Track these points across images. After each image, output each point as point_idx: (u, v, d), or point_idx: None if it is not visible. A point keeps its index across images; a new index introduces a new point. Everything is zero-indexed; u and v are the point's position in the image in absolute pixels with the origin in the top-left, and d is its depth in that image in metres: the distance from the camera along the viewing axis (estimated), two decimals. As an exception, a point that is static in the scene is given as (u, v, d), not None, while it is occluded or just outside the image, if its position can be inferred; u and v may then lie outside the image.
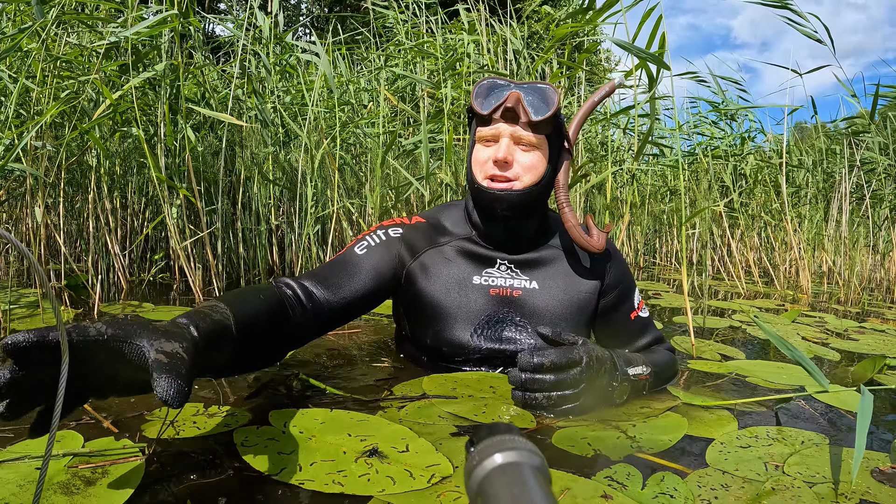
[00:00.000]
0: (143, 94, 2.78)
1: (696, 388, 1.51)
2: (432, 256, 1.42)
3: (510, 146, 1.30)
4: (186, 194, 2.44)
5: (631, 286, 1.51)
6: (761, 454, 1.10)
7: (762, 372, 1.71)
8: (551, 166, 1.36)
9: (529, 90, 1.31)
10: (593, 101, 1.42)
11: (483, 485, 0.43)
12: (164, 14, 2.28)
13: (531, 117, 1.28)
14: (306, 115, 2.89)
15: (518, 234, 1.40)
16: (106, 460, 0.89)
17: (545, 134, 1.32)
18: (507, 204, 1.31)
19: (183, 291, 2.64)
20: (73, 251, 3.16)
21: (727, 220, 4.01)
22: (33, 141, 2.34)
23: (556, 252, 1.45)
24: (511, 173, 1.30)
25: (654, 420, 1.22)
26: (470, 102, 1.34)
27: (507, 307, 1.40)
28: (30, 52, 2.43)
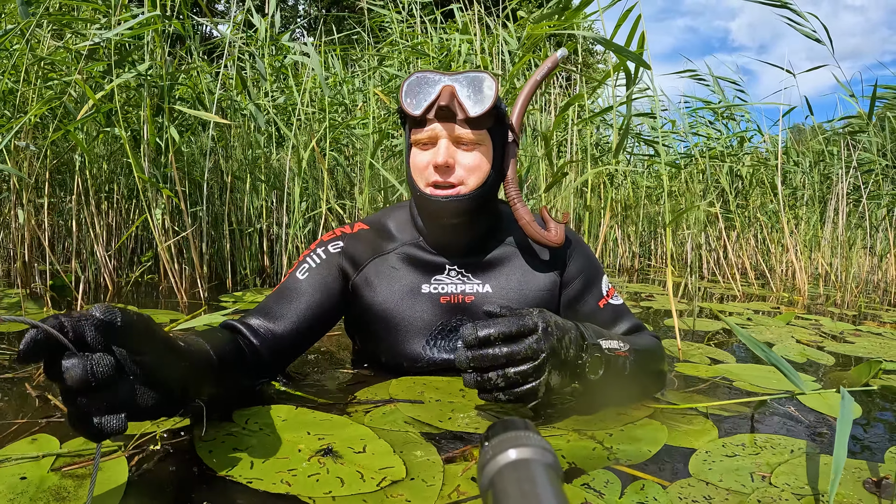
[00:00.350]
0: (129, 95, 2.76)
1: (674, 393, 1.47)
2: (377, 266, 1.32)
3: (449, 148, 1.19)
4: (170, 194, 2.40)
5: (596, 273, 1.39)
6: (748, 464, 1.06)
7: (750, 376, 1.67)
8: (497, 162, 1.25)
9: (464, 82, 1.18)
10: (535, 80, 1.30)
11: (495, 480, 0.44)
12: (146, 15, 2.25)
13: (468, 113, 1.16)
14: (298, 116, 2.86)
15: (467, 238, 1.31)
16: (87, 460, 0.88)
17: (486, 128, 1.21)
18: (455, 211, 1.21)
19: (168, 293, 2.60)
20: (62, 251, 3.13)
21: (723, 222, 3.98)
22: (17, 141, 2.31)
23: (509, 250, 1.36)
24: (454, 178, 1.19)
25: (632, 429, 1.16)
26: (399, 102, 1.21)
27: (460, 315, 1.32)
28: (14, 52, 2.40)
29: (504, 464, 0.44)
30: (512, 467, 0.44)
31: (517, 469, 0.44)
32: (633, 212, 4.52)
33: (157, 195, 2.52)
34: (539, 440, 0.47)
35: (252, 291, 2.68)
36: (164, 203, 2.52)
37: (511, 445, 0.46)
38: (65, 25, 2.50)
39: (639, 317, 2.52)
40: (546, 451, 0.45)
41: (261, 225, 3.06)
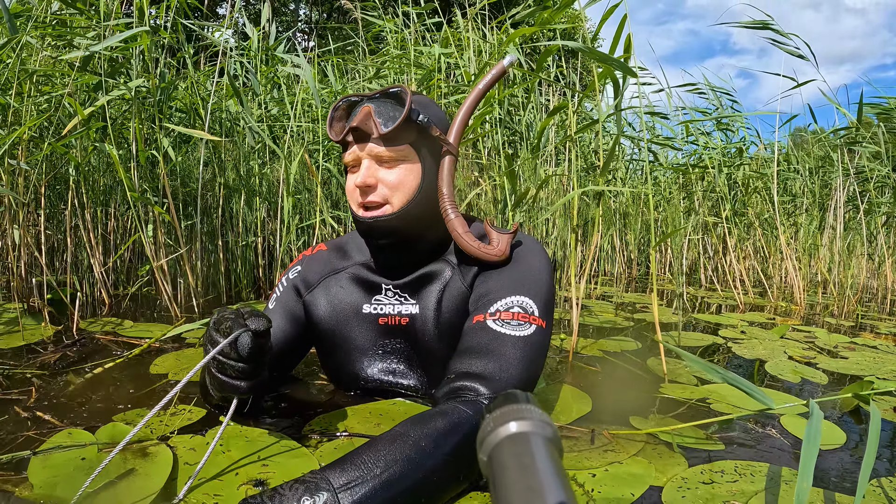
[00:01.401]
0: (122, 109, 2.76)
1: (645, 420, 1.46)
2: (328, 285, 1.34)
3: (371, 167, 1.17)
4: (161, 212, 2.41)
5: (506, 286, 1.15)
6: (723, 492, 1.05)
7: (735, 397, 1.66)
8: (427, 174, 1.21)
9: (381, 100, 1.18)
10: (479, 90, 1.24)
11: (494, 452, 0.44)
12: (134, 31, 2.25)
13: (380, 130, 1.14)
14: (290, 129, 2.87)
15: (410, 257, 1.27)
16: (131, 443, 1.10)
17: (408, 142, 1.18)
18: (384, 231, 1.19)
19: (166, 307, 2.61)
20: (59, 265, 3.14)
21: (724, 228, 3.96)
22: (9, 159, 2.32)
23: (441, 266, 1.27)
24: (378, 197, 1.17)
25: (617, 468, 1.12)
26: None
27: (397, 337, 1.30)
28: (5, 66, 2.41)
29: (504, 436, 0.45)
30: (511, 440, 0.44)
31: (517, 442, 0.44)
32: (632, 219, 4.51)
33: (149, 211, 2.53)
34: (540, 414, 0.47)
35: (246, 304, 2.68)
36: (156, 219, 2.53)
37: (512, 418, 0.46)
38: (56, 37, 2.50)
39: (631, 331, 2.53)
40: (546, 424, 0.45)
41: (255, 239, 3.06)
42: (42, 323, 2.26)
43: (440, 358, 1.25)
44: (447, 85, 3.19)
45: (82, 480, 0.89)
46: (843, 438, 1.38)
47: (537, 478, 0.39)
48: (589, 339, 2.32)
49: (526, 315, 1.10)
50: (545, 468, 0.40)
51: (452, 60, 3.34)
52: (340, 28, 7.95)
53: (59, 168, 2.63)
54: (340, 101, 1.23)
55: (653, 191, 4.68)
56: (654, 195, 4.73)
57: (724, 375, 1.23)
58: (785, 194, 4.62)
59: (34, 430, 1.18)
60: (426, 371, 1.30)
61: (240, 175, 3.02)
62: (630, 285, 4.23)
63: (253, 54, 3.10)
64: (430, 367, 1.28)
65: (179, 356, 1.83)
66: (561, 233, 3.33)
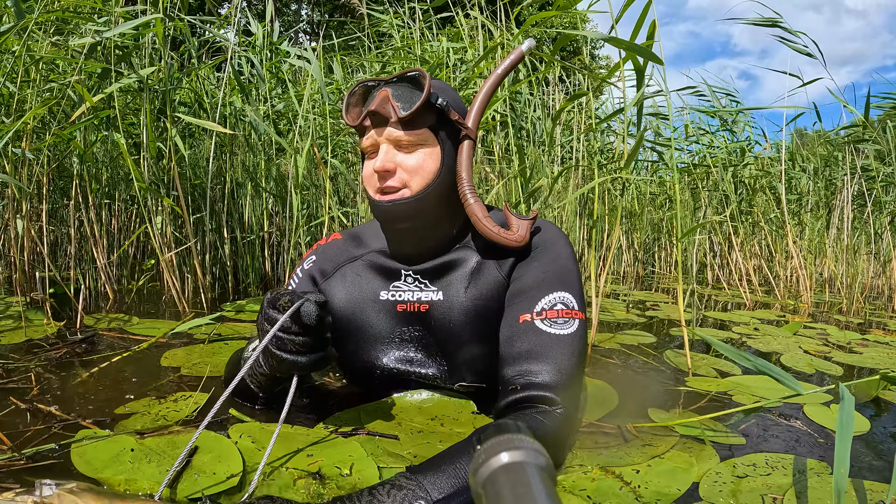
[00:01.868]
0: (129, 99, 2.73)
1: (680, 411, 1.44)
2: (344, 273, 1.33)
3: (389, 152, 1.15)
4: (171, 203, 2.38)
5: (546, 281, 1.16)
6: (759, 485, 1.03)
7: (759, 388, 1.65)
8: (447, 159, 1.19)
9: (398, 84, 1.16)
10: (498, 75, 1.23)
11: (487, 483, 0.44)
12: (147, 17, 2.22)
13: (399, 114, 1.12)
14: (298, 124, 2.84)
15: (427, 243, 1.24)
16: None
17: (427, 126, 1.16)
18: (401, 215, 1.17)
19: (171, 302, 2.57)
20: (62, 258, 3.11)
21: (729, 227, 3.95)
22: (13, 148, 2.29)
23: (466, 253, 1.25)
24: (397, 181, 1.15)
25: (659, 463, 1.09)
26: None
27: (416, 324, 1.27)
28: (11, 53, 2.38)
29: (497, 467, 0.44)
30: (505, 470, 0.44)
31: (510, 472, 0.43)
32: (638, 218, 4.49)
33: (157, 203, 2.50)
34: (531, 443, 0.46)
35: (254, 300, 2.66)
36: (165, 211, 2.49)
37: (504, 448, 0.45)
38: (62, 23, 2.46)
39: (643, 327, 2.51)
40: (538, 453, 0.45)
41: (262, 233, 3.03)
42: (45, 318, 2.23)
43: (462, 344, 1.22)
44: (453, 80, 3.16)
45: (132, 467, 0.94)
46: (868, 426, 1.38)
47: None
48: (606, 334, 2.31)
49: (569, 311, 1.12)
50: (540, 497, 0.40)
51: (459, 56, 3.32)
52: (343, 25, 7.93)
53: (63, 159, 2.59)
54: (357, 86, 1.21)
55: (658, 190, 4.68)
56: (659, 195, 4.73)
57: (754, 362, 1.22)
58: (790, 193, 4.61)
59: (42, 424, 1.16)
60: (446, 358, 1.26)
61: (246, 169, 2.99)
62: (638, 283, 4.22)
63: (258, 49, 3.07)
64: (451, 355, 1.25)
65: (189, 351, 1.79)
66: (571, 227, 3.31)
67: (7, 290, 2.82)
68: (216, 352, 1.77)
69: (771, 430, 1.34)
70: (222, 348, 1.81)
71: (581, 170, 3.71)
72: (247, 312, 2.40)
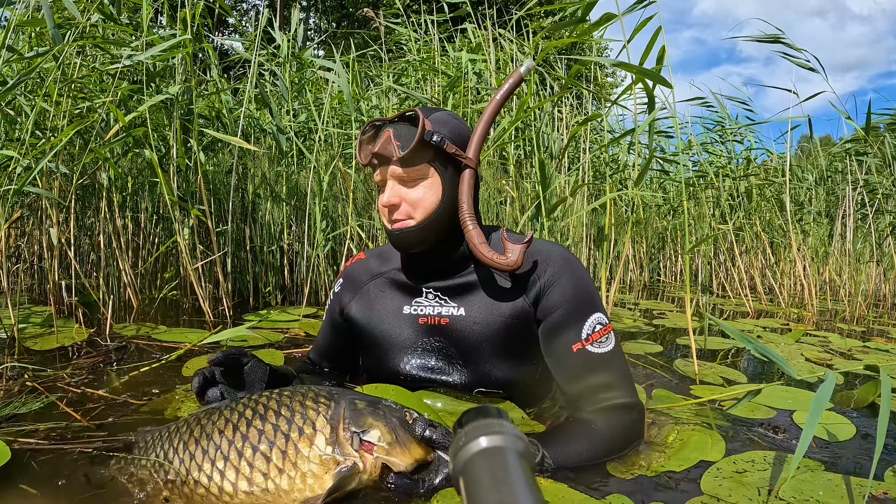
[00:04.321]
0: (155, 113, 2.84)
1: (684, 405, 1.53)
2: (369, 290, 1.48)
3: (395, 187, 1.29)
4: (198, 214, 2.49)
5: (581, 307, 1.28)
6: (756, 480, 1.12)
7: (762, 396, 1.73)
8: (448, 188, 1.30)
9: (399, 124, 1.28)
10: (497, 101, 1.32)
11: (466, 467, 0.44)
12: (178, 39, 2.34)
13: (398, 153, 1.24)
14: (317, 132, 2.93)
15: (438, 264, 1.38)
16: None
17: (426, 161, 1.27)
18: (408, 242, 1.30)
19: (194, 311, 2.67)
20: (85, 268, 3.21)
21: (731, 236, 4.03)
22: (48, 163, 2.40)
23: (483, 274, 1.37)
24: (402, 213, 1.29)
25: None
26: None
27: (437, 336, 1.39)
28: (46, 73, 2.49)
29: (476, 451, 0.45)
30: (484, 454, 0.44)
31: (489, 456, 0.44)
32: (643, 227, 4.57)
33: (184, 215, 2.60)
34: (511, 428, 0.47)
35: (276, 310, 2.76)
36: (192, 222, 2.60)
37: (484, 433, 0.46)
38: (97, 47, 2.58)
39: (650, 336, 2.60)
40: (518, 438, 0.46)
41: (282, 244, 3.13)
42: (75, 325, 2.34)
43: (482, 355, 1.36)
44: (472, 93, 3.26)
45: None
46: (854, 431, 1.47)
47: (511, 491, 0.40)
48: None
49: (605, 328, 1.29)
50: (518, 482, 0.41)
51: (478, 68, 3.41)
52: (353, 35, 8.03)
53: (90, 173, 2.70)
54: (367, 126, 1.34)
55: (662, 200, 4.76)
56: (664, 204, 4.81)
57: (756, 346, 1.33)
58: (792, 203, 4.68)
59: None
60: (466, 367, 1.38)
61: (266, 181, 3.10)
62: (644, 292, 4.29)
63: (282, 60, 3.17)
64: (471, 364, 1.38)
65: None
66: (580, 238, 3.40)
67: (31, 300, 2.93)
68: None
69: (765, 433, 1.43)
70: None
71: (588, 179, 3.80)
72: (268, 321, 2.50)
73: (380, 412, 1.03)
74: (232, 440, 1.00)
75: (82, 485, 1.02)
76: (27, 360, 1.83)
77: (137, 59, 2.28)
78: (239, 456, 0.99)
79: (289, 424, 1.01)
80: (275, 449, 0.99)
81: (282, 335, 2.29)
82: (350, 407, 1.03)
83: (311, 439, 1.00)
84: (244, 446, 1.00)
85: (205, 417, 1.05)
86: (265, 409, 1.04)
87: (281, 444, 0.99)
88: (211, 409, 1.08)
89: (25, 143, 2.26)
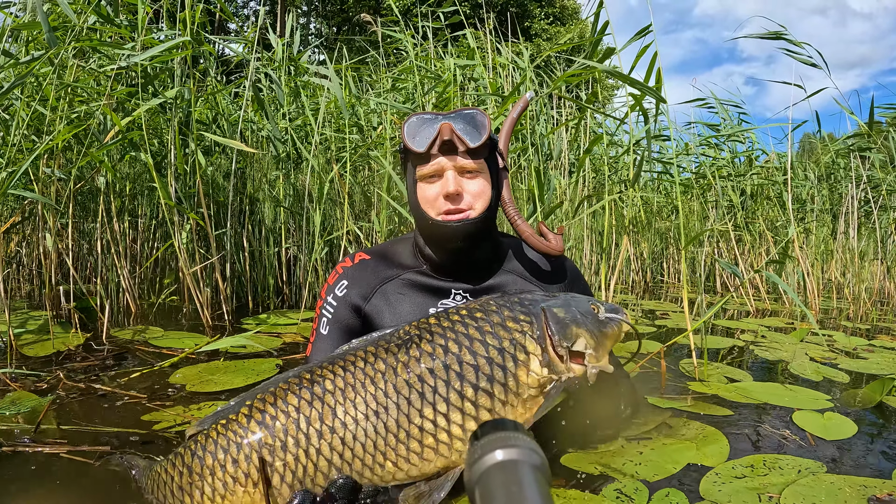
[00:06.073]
0: (152, 116, 2.83)
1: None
2: (385, 293, 1.40)
3: (456, 178, 1.30)
4: (196, 218, 2.47)
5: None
6: (756, 485, 1.10)
7: (765, 395, 1.71)
8: (496, 186, 1.36)
9: (458, 119, 1.31)
10: (513, 118, 1.44)
11: (482, 479, 0.44)
12: (177, 40, 2.32)
13: (469, 144, 1.28)
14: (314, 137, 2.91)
15: (473, 262, 1.39)
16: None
17: (483, 158, 1.33)
18: (465, 234, 1.30)
19: (192, 315, 2.66)
20: (84, 273, 3.20)
21: (732, 235, 3.99)
22: (44, 167, 2.39)
23: (511, 277, 1.42)
24: (464, 204, 1.30)
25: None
26: (402, 142, 1.33)
27: None
28: (41, 77, 2.48)
29: (491, 464, 0.44)
30: (499, 468, 0.44)
31: (504, 470, 0.44)
32: (644, 228, 4.54)
33: (182, 219, 2.58)
34: (527, 441, 0.46)
35: (275, 314, 2.74)
36: (190, 226, 2.58)
37: (499, 446, 0.45)
38: (93, 49, 2.56)
39: (653, 336, 2.58)
40: (534, 452, 0.45)
41: (278, 248, 3.12)
42: (71, 330, 2.33)
43: None
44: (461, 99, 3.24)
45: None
46: (855, 429, 1.44)
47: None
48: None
49: None
50: (532, 496, 0.40)
51: (469, 73, 3.39)
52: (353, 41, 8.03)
53: (88, 178, 2.69)
54: (413, 117, 1.33)
55: (664, 200, 4.74)
56: (665, 205, 4.78)
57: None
58: (795, 202, 4.64)
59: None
60: None
61: (267, 182, 3.08)
62: (645, 293, 4.27)
63: (277, 65, 3.15)
64: None
65: (202, 368, 1.89)
66: (579, 238, 3.37)
67: (30, 305, 2.92)
68: (225, 369, 1.87)
69: (761, 434, 1.40)
70: (236, 365, 1.91)
71: (588, 184, 3.78)
72: (267, 325, 2.48)
73: (578, 317, 1.05)
74: (448, 380, 0.96)
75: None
76: (22, 364, 1.83)
77: (135, 60, 2.27)
78: (461, 397, 0.95)
79: (501, 354, 0.99)
80: (496, 384, 0.97)
81: (280, 340, 2.27)
82: (553, 319, 1.03)
83: (526, 365, 0.99)
84: (463, 386, 0.96)
85: (387, 355, 1.00)
86: (468, 339, 1.00)
87: (500, 376, 0.97)
88: (377, 344, 1.03)
89: (17, 145, 2.25)
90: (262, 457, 0.90)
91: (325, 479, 0.95)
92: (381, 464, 0.94)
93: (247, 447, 0.95)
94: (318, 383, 0.98)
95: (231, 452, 0.94)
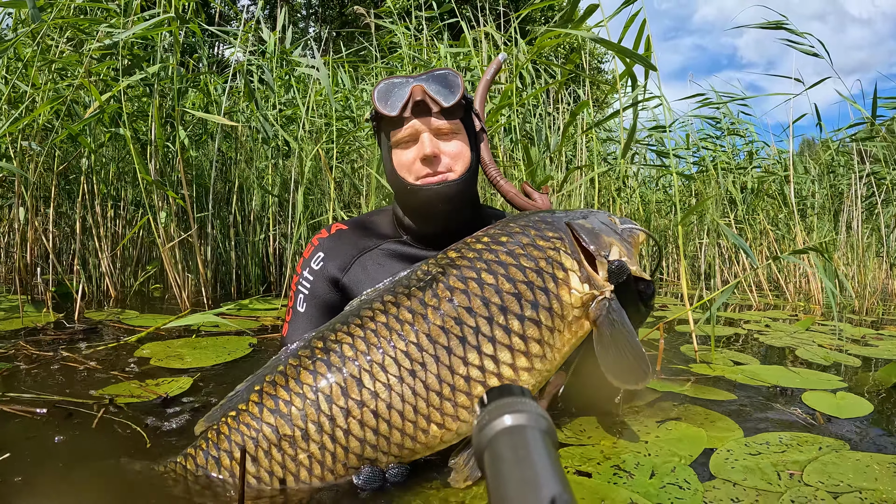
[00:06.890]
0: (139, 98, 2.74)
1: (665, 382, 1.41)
2: (363, 263, 1.32)
3: (433, 140, 1.21)
4: (174, 196, 2.37)
5: None
6: (773, 461, 0.99)
7: (771, 376, 1.61)
8: (473, 148, 1.29)
9: (430, 80, 1.23)
10: (486, 80, 1.40)
11: (491, 444, 0.44)
12: (161, 17, 2.22)
13: (442, 104, 1.20)
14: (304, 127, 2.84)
15: (453, 226, 1.28)
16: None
17: (459, 118, 1.25)
18: (446, 197, 1.22)
19: (173, 303, 2.55)
20: (66, 258, 3.10)
21: (734, 230, 3.91)
22: (22, 141, 2.30)
23: None
24: (442, 166, 1.22)
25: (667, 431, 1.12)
26: (373, 107, 1.24)
27: None
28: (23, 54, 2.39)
29: (500, 429, 0.45)
30: (508, 432, 0.44)
31: (513, 435, 0.44)
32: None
33: (163, 199, 2.48)
34: (534, 406, 0.47)
35: (257, 300, 2.64)
36: (170, 207, 2.48)
37: (507, 411, 0.46)
38: (78, 30, 2.47)
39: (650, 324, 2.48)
40: (541, 417, 0.46)
41: (264, 235, 3.02)
42: (44, 310, 2.22)
43: None
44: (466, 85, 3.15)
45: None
46: (871, 408, 1.35)
47: (533, 470, 0.40)
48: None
49: None
50: (541, 460, 0.41)
51: (464, 62, 3.32)
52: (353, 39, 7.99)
53: (71, 160, 2.59)
54: (383, 81, 1.24)
55: (663, 197, 4.66)
56: (664, 202, 4.71)
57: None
58: (796, 197, 4.56)
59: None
60: None
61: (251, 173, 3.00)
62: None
63: (269, 56, 3.08)
64: None
65: (170, 344, 1.80)
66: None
67: (9, 290, 2.82)
68: (195, 346, 1.78)
69: (769, 414, 1.30)
70: (206, 342, 1.82)
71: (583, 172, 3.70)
72: (247, 310, 2.38)
73: (605, 227, 0.98)
74: (490, 315, 0.86)
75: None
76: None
77: (117, 37, 2.17)
78: (506, 332, 0.85)
79: (540, 275, 0.89)
80: (541, 310, 0.87)
81: (257, 323, 2.17)
82: (583, 231, 0.95)
83: (567, 283, 0.90)
84: (508, 319, 0.85)
85: (423, 297, 0.89)
86: (501, 265, 0.90)
87: (544, 300, 0.88)
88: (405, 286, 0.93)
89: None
90: (244, 448, 0.75)
91: (360, 460, 0.84)
92: (424, 429, 0.83)
93: (265, 442, 0.83)
94: (333, 351, 0.86)
95: (248, 449, 0.84)
